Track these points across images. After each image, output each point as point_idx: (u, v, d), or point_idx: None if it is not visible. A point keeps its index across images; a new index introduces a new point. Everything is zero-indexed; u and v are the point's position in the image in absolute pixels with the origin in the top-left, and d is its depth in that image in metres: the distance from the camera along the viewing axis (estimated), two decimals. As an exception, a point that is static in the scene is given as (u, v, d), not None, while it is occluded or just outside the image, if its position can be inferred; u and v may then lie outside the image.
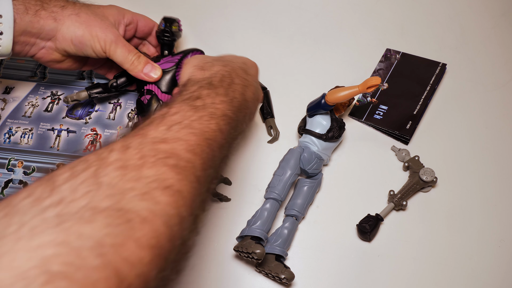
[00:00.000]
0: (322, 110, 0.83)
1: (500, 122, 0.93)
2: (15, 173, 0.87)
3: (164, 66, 0.87)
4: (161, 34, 0.89)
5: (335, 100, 0.80)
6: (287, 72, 0.98)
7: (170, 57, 0.88)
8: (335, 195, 0.86)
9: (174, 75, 0.87)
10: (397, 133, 0.91)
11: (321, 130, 0.83)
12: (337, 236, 0.82)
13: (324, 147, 0.83)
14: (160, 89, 0.86)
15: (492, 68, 0.99)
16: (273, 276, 0.75)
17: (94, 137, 0.90)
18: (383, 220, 0.82)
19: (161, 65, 0.86)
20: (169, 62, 0.87)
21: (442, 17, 1.05)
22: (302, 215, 0.80)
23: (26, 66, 0.97)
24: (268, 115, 0.92)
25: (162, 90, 0.86)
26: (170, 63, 0.87)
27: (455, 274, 0.80)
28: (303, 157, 0.82)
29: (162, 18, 0.91)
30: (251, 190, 0.85)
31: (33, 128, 0.91)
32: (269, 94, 0.94)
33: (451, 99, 0.95)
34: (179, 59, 0.88)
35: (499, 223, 0.84)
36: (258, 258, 0.71)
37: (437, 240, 0.82)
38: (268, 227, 0.77)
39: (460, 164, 0.89)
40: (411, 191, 0.84)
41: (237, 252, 0.76)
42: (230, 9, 1.06)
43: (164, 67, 0.87)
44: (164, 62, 0.87)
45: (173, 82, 0.87)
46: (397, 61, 0.99)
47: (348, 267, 0.80)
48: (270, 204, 0.78)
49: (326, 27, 1.04)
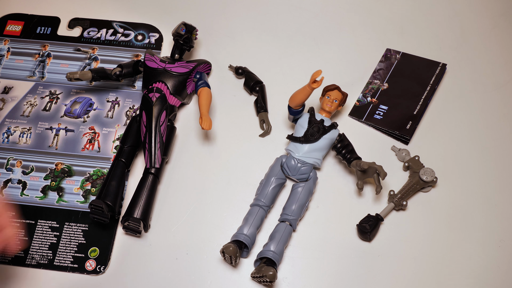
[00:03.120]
0: (291, 114, 0.84)
1: (500, 122, 0.93)
2: (14, 172, 0.87)
3: (178, 69, 0.89)
4: (180, 38, 0.90)
5: (293, 102, 0.82)
6: (287, 72, 0.98)
7: (185, 63, 0.90)
8: (335, 195, 0.86)
9: (186, 81, 0.89)
10: (397, 133, 0.90)
11: (301, 133, 0.83)
12: (337, 236, 0.82)
13: (307, 150, 0.83)
14: (170, 90, 0.86)
15: (492, 68, 0.99)
16: (259, 277, 0.76)
17: (92, 135, 0.90)
18: (383, 220, 0.82)
19: (176, 69, 0.89)
20: (183, 67, 0.89)
21: (442, 17, 1.05)
22: (295, 217, 0.80)
23: (24, 66, 0.97)
24: (262, 109, 0.92)
25: (171, 91, 0.87)
26: (185, 68, 0.89)
27: (455, 274, 0.79)
28: (284, 164, 0.83)
29: (181, 23, 0.91)
30: (252, 191, 0.85)
31: (31, 128, 0.90)
32: (264, 89, 0.94)
33: (451, 99, 0.95)
34: (193, 67, 0.90)
35: (499, 223, 0.83)
36: (270, 280, 0.73)
37: (437, 240, 0.82)
38: (253, 232, 0.78)
39: (460, 164, 0.89)
40: (411, 191, 0.84)
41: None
42: (230, 9, 1.06)
43: (178, 70, 0.89)
44: (179, 66, 0.89)
45: (183, 87, 0.89)
46: (397, 61, 0.99)
47: (348, 267, 0.80)
48: (255, 210, 0.80)
49: (326, 27, 1.04)
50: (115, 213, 0.80)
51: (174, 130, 0.88)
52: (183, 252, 0.81)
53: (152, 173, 0.82)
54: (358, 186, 0.81)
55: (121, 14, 1.03)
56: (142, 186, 0.81)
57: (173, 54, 0.92)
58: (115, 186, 0.80)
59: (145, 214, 0.79)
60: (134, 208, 0.79)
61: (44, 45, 0.99)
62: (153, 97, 0.85)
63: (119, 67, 0.91)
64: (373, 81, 0.97)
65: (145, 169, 0.82)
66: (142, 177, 0.82)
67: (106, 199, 0.78)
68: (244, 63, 0.98)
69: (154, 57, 0.91)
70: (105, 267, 0.79)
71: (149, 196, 0.80)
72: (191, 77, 0.90)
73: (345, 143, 0.84)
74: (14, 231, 0.69)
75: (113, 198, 0.79)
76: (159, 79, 0.88)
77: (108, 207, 0.78)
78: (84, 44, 1.00)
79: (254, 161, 0.88)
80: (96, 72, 0.90)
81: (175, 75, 0.88)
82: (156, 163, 0.82)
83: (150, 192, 0.81)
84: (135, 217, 0.78)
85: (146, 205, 0.79)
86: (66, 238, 0.81)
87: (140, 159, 0.88)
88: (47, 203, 0.84)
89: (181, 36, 0.90)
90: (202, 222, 0.83)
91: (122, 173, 0.82)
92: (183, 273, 0.79)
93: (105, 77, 0.90)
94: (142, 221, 0.78)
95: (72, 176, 0.86)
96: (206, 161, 0.89)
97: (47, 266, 0.79)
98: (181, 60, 0.92)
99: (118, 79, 0.91)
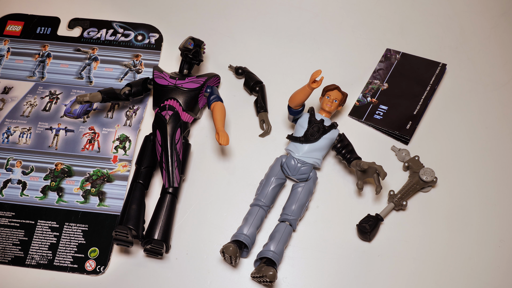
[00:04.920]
0: (291, 114, 0.84)
1: (500, 122, 0.93)
2: (14, 172, 0.87)
3: (189, 85, 0.88)
4: (189, 52, 0.89)
5: (292, 102, 0.81)
6: (288, 71, 0.98)
7: (195, 78, 0.89)
8: (335, 195, 0.86)
9: (197, 96, 0.88)
10: (397, 133, 0.90)
11: (301, 133, 0.83)
12: (337, 236, 0.82)
13: (307, 150, 0.83)
14: (182, 107, 0.86)
15: (492, 68, 0.99)
16: (259, 277, 0.76)
17: (92, 136, 0.90)
18: (383, 220, 0.82)
19: (187, 85, 0.87)
20: (194, 83, 0.88)
21: (442, 17, 1.05)
22: (295, 217, 0.80)
23: (24, 66, 0.97)
24: (262, 109, 0.92)
25: (183, 108, 0.86)
26: (195, 83, 0.88)
27: (455, 274, 0.79)
28: (284, 164, 0.83)
29: (189, 37, 0.90)
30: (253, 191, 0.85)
31: (31, 128, 0.90)
32: (264, 89, 0.94)
33: (451, 99, 0.95)
34: (203, 82, 0.89)
35: (499, 223, 0.83)
36: (270, 280, 0.73)
37: (437, 240, 0.82)
38: (253, 232, 0.78)
39: (460, 164, 0.89)
40: (411, 191, 0.84)
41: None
42: (230, 9, 1.06)
43: (189, 86, 0.87)
44: (190, 82, 0.88)
45: (195, 102, 0.88)
46: (397, 61, 0.99)
47: (348, 267, 0.80)
48: (255, 210, 0.80)
49: (326, 27, 1.04)
50: (138, 237, 0.78)
51: (189, 147, 0.86)
52: (183, 252, 0.81)
53: (170, 193, 0.80)
54: (358, 186, 0.81)
55: (121, 14, 1.03)
56: (161, 207, 0.79)
57: (182, 69, 0.91)
58: (136, 210, 0.78)
59: (165, 236, 0.77)
60: (155, 230, 0.77)
61: (44, 45, 0.99)
62: (166, 115, 0.84)
63: (128, 86, 0.89)
64: (373, 81, 0.97)
65: (163, 188, 0.81)
66: (160, 197, 0.81)
67: (129, 223, 0.77)
68: (244, 63, 0.98)
69: (163, 73, 0.89)
70: (105, 267, 0.79)
71: (168, 217, 0.79)
72: (202, 91, 0.89)
73: (345, 143, 0.84)
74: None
75: (136, 222, 0.77)
76: (170, 96, 0.86)
77: (131, 231, 0.76)
78: (84, 44, 1.00)
79: (254, 161, 0.88)
80: (106, 93, 0.88)
81: (186, 91, 0.87)
82: (174, 182, 0.80)
83: (169, 213, 0.79)
84: (157, 240, 0.76)
85: (166, 226, 0.78)
86: (66, 238, 0.81)
87: (155, 177, 0.87)
88: (47, 203, 0.84)
89: (189, 51, 0.89)
90: (202, 222, 0.83)
91: (141, 195, 0.80)
92: (183, 273, 0.79)
93: (115, 98, 0.89)
94: (164, 242, 0.77)
95: (72, 176, 0.86)
96: (205, 161, 0.89)
97: (47, 266, 0.79)
98: (190, 75, 0.91)
99: (128, 99, 0.89)
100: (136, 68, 0.96)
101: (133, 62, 0.97)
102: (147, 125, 0.92)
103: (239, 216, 0.82)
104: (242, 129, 0.92)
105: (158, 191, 0.84)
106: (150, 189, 0.85)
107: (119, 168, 0.87)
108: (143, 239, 0.78)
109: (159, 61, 0.98)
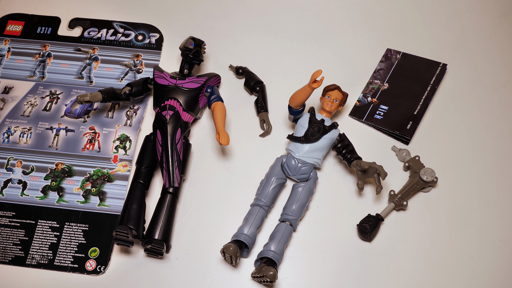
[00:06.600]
0: (291, 114, 0.84)
1: (500, 122, 0.93)
2: (14, 172, 0.87)
3: (190, 85, 0.88)
4: (189, 52, 0.89)
5: (293, 102, 0.81)
6: (288, 71, 0.98)
7: (195, 78, 0.89)
8: (335, 195, 0.86)
9: (198, 96, 0.88)
10: (397, 133, 0.90)
11: (301, 133, 0.83)
12: (337, 236, 0.82)
13: (307, 150, 0.83)
14: (183, 107, 0.86)
15: (492, 68, 0.99)
16: (259, 277, 0.76)
17: (93, 135, 0.90)
18: (384, 220, 0.82)
19: (187, 84, 0.87)
20: (194, 83, 0.88)
21: (442, 17, 1.05)
22: (295, 217, 0.80)
23: (25, 65, 0.97)
24: (262, 109, 0.92)
25: (184, 108, 0.86)
26: (196, 83, 0.88)
27: (455, 274, 0.79)
28: (285, 164, 0.83)
29: (189, 37, 0.91)
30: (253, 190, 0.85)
31: (31, 128, 0.90)
32: (264, 88, 0.94)
33: (452, 99, 0.95)
34: (204, 82, 0.89)
35: (499, 223, 0.83)
36: (271, 280, 0.73)
37: (437, 240, 0.82)
38: (253, 232, 0.78)
39: (461, 164, 0.89)
40: (411, 191, 0.84)
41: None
42: (230, 9, 1.06)
43: (190, 86, 0.87)
44: (190, 82, 0.88)
45: (195, 102, 0.88)
46: (398, 61, 0.99)
47: (348, 267, 0.80)
48: (255, 210, 0.80)
49: (326, 27, 1.04)
50: (139, 236, 0.78)
51: (189, 147, 0.86)
52: (183, 252, 0.81)
53: (170, 193, 0.80)
54: (359, 186, 0.81)
55: (122, 14, 1.03)
56: (162, 206, 0.79)
57: (182, 69, 0.91)
58: (137, 210, 0.78)
59: (166, 235, 0.77)
60: (155, 230, 0.77)
61: (45, 45, 1.00)
62: (166, 115, 0.84)
63: (128, 86, 0.89)
64: (373, 81, 0.97)
65: (163, 188, 0.81)
66: (161, 197, 0.81)
67: (129, 223, 0.77)
68: (245, 63, 0.98)
69: (164, 73, 0.89)
70: (105, 267, 0.79)
71: (169, 216, 0.79)
72: (203, 91, 0.89)
73: (345, 143, 0.84)
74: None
75: (136, 222, 0.77)
76: (171, 96, 0.86)
77: (132, 231, 0.77)
78: (85, 44, 1.00)
79: (255, 161, 0.88)
80: (106, 93, 0.88)
81: (187, 91, 0.87)
82: (175, 182, 0.80)
83: (169, 212, 0.79)
84: (157, 240, 0.76)
85: (167, 226, 0.78)
86: (66, 238, 0.81)
87: (155, 177, 0.87)
88: (47, 203, 0.84)
89: (190, 51, 0.89)
90: (202, 222, 0.83)
91: (142, 195, 0.80)
92: (183, 273, 0.79)
93: (115, 98, 0.89)
94: (164, 242, 0.77)
95: (73, 176, 0.86)
96: (206, 161, 0.89)
97: (47, 266, 0.79)
98: (191, 75, 0.91)
99: (128, 98, 0.89)
100: (137, 68, 0.96)
101: (133, 62, 0.97)
102: (147, 125, 0.92)
103: (240, 216, 0.82)
104: (242, 129, 0.92)
105: (159, 191, 0.84)
106: (150, 189, 0.85)
107: (120, 168, 0.87)
108: (143, 239, 0.78)
109: (159, 61, 0.98)
